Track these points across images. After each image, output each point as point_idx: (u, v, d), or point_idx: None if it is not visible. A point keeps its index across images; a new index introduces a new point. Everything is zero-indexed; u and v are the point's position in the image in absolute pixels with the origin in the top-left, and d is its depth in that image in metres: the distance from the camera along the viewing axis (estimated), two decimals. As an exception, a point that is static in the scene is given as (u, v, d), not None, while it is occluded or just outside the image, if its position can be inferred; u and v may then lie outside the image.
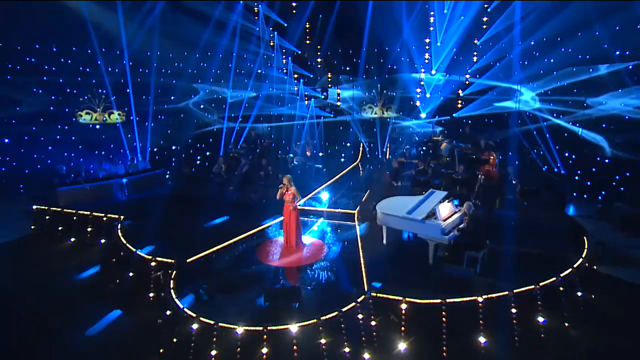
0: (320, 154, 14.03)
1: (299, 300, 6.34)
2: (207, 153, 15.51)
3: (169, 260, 7.30)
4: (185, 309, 6.15)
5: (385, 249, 8.00)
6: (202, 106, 16.78)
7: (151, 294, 7.14)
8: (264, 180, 11.30)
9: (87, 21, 12.60)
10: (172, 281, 6.91)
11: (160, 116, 15.58)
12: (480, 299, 6.15)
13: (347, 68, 17.09)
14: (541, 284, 6.39)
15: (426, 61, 15.46)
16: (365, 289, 6.52)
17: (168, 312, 6.33)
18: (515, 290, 6.24)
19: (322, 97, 16.88)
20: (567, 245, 7.83)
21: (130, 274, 7.69)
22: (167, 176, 12.63)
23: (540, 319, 6.15)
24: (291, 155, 11.91)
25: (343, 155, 14.73)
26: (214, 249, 7.91)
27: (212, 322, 5.81)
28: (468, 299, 6.18)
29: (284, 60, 16.10)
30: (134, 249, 7.90)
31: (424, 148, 13.18)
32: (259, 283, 6.86)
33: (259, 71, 17.14)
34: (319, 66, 16.37)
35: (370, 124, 16.65)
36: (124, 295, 7.17)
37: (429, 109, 15.90)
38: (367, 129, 16.45)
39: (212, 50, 15.68)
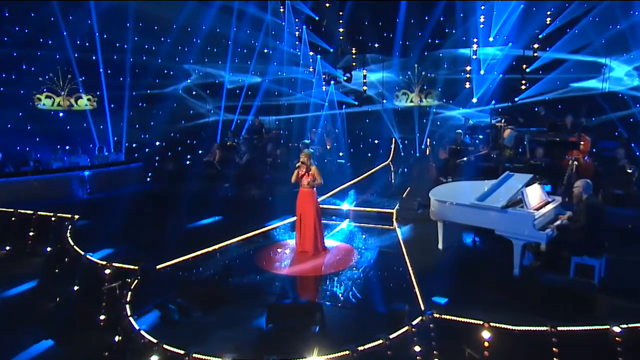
0: (341, 154, 13.17)
1: (319, 321, 4.86)
2: (200, 151, 14.49)
3: (131, 267, 6.19)
4: (143, 332, 4.67)
5: (443, 256, 6.81)
6: (194, 92, 15.86)
7: (102, 315, 5.68)
8: (270, 172, 10.46)
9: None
10: (130, 293, 5.53)
11: (141, 103, 14.68)
12: (617, 329, 4.47)
13: (376, 45, 15.99)
14: None
15: (481, 26, 14.09)
16: (422, 308, 5.09)
17: (117, 338, 4.84)
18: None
19: (344, 78, 15.70)
20: None
21: (76, 288, 6.31)
22: (149, 177, 11.80)
23: None
24: (306, 140, 10.74)
25: (369, 155, 14.22)
26: (197, 253, 6.88)
27: (181, 351, 4.33)
28: (594, 327, 4.54)
29: (297, 32, 15.03)
30: (82, 253, 6.75)
31: (480, 136, 11.68)
32: (260, 297, 5.61)
33: (265, 50, 16.13)
34: (340, 37, 15.25)
35: (406, 115, 15.71)
36: (63, 318, 5.83)
37: (482, 92, 14.44)
38: (402, 121, 15.56)
39: (207, 21, 14.78)
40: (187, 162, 14.04)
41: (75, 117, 13.54)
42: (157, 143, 14.94)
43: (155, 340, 4.57)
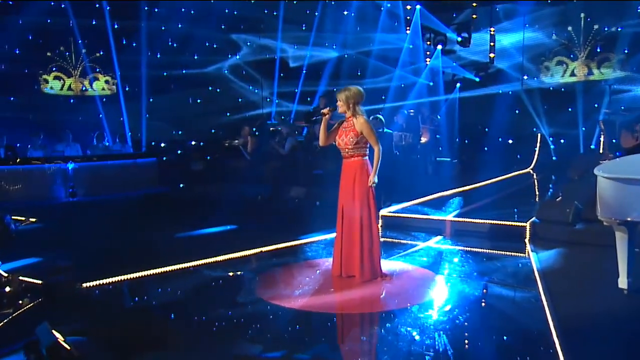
0: (443, 159, 12.04)
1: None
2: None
3: (34, 281, 5.46)
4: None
5: (629, 301, 4.95)
6: (244, 72, 15.47)
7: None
8: (324, 166, 9.53)
9: None
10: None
11: (173, 88, 14.64)
12: None
13: (512, -12, 14.21)
14: None
15: None
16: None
17: None
18: None
19: (459, 40, 13.86)
20: None
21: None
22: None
23: None
24: (379, 116, 9.38)
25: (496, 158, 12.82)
26: (159, 270, 5.93)
27: None
28: None
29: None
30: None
31: None
32: (236, 345, 4.32)
33: (346, 12, 14.97)
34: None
35: (562, 98, 13.85)
36: None
37: None
38: (554, 108, 13.77)
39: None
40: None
41: (87, 104, 13.68)
42: (193, 142, 14.42)
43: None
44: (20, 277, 5.39)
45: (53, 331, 3.92)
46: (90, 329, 4.44)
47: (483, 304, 5.08)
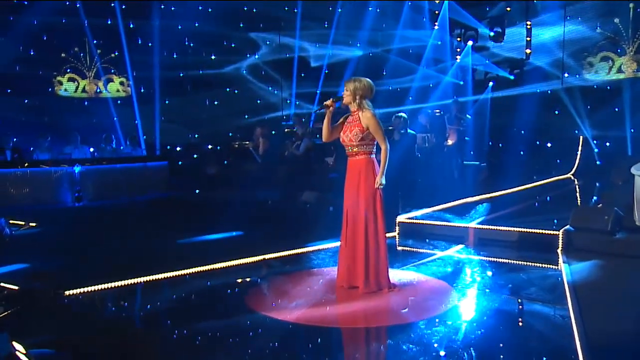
0: (470, 163, 11.74)
1: None
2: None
3: (15, 287, 5.38)
4: None
5: None
6: (263, 73, 15.46)
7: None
8: (339, 169, 9.06)
9: None
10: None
11: (188, 87, 14.73)
12: None
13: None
14: None
15: None
16: None
17: None
18: None
19: (491, 35, 13.40)
20: None
21: None
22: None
23: None
24: (402, 114, 9.31)
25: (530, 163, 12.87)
26: (150, 277, 5.81)
27: None
28: None
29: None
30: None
31: None
32: None
33: (370, 8, 14.75)
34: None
35: (606, 97, 13.43)
36: None
37: None
38: (598, 108, 13.35)
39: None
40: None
41: (102, 106, 13.74)
42: (210, 146, 14.40)
43: None
44: (2, 284, 5.33)
45: (13, 342, 3.79)
46: (62, 340, 4.24)
47: (502, 320, 4.72)
